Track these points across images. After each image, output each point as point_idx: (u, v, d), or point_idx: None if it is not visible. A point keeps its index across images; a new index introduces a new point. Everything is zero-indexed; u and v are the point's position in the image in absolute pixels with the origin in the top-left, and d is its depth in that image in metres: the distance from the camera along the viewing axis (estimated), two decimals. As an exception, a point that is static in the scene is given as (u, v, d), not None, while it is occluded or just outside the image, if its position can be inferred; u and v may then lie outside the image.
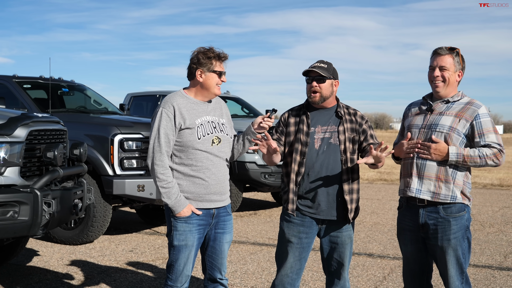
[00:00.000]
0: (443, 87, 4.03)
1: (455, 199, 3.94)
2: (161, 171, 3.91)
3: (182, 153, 3.96)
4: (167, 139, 3.92)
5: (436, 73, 4.02)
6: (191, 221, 3.96)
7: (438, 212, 3.96)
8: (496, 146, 3.90)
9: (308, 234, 4.15)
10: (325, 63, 4.13)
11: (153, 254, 7.42)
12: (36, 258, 7.16)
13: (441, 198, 3.94)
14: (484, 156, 3.88)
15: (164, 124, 3.92)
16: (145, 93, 13.72)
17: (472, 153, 3.88)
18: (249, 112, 13.00)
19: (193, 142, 3.93)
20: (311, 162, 4.06)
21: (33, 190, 5.01)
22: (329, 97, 4.13)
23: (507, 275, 6.50)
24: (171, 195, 3.90)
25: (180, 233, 3.97)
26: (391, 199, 13.59)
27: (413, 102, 4.32)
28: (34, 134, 5.40)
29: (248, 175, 10.19)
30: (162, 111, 3.94)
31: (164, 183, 3.91)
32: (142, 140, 7.87)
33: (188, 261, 4.00)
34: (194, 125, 3.95)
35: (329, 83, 4.10)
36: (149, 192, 7.70)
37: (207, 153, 3.97)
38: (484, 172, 20.61)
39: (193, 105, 4.03)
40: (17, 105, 8.44)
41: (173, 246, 3.99)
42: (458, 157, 3.89)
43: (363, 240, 8.50)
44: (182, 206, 3.92)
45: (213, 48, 4.04)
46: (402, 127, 4.33)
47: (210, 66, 4.00)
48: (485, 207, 12.22)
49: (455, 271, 3.98)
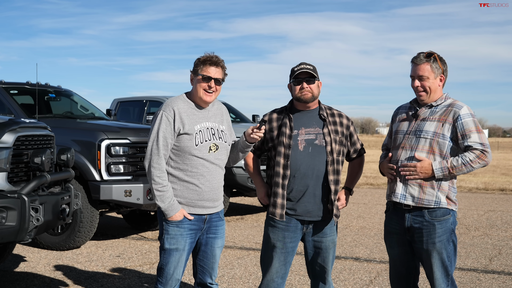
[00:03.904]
0: (426, 96, 4.06)
1: (439, 204, 3.98)
2: (157, 173, 3.92)
3: (179, 157, 3.97)
4: (166, 142, 3.93)
5: (416, 84, 4.04)
6: (182, 226, 3.97)
7: (423, 216, 4.00)
8: (478, 147, 3.89)
9: (292, 239, 4.18)
10: (310, 65, 4.17)
11: (140, 259, 7.42)
12: (23, 263, 7.13)
13: (424, 203, 3.99)
14: (468, 162, 3.89)
15: (164, 127, 3.92)
16: (131, 98, 13.71)
17: (455, 162, 3.90)
18: (235, 117, 13.01)
19: (190, 148, 3.94)
20: (296, 164, 4.08)
21: (21, 196, 5.01)
22: (317, 97, 4.19)
23: (492, 278, 6.57)
24: (165, 199, 3.91)
25: (171, 237, 3.98)
26: (377, 203, 13.66)
27: (402, 105, 4.35)
28: (22, 140, 5.40)
29: (235, 180, 10.21)
30: (163, 114, 3.94)
31: (159, 186, 3.91)
32: (129, 145, 7.86)
33: (179, 265, 4.00)
34: (192, 131, 3.95)
35: (317, 84, 4.16)
36: (136, 197, 7.70)
37: (203, 160, 3.97)
38: (470, 176, 20.75)
39: (194, 111, 4.03)
40: (3, 111, 8.42)
41: (164, 249, 4.00)
42: (443, 170, 3.92)
43: (350, 244, 8.54)
44: (175, 210, 3.93)
45: (208, 53, 4.03)
46: (390, 130, 4.38)
47: (198, 70, 4.00)
48: (471, 211, 12.31)
49: (441, 274, 4.02)
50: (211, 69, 3.98)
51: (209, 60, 3.99)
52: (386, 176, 4.22)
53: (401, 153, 4.07)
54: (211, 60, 3.99)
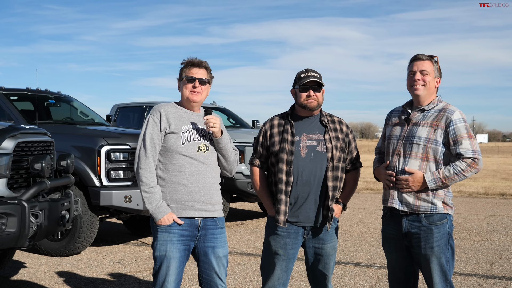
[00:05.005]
0: (423, 90, 4.06)
1: (435, 209, 3.99)
2: (145, 174, 3.89)
3: (166, 158, 3.95)
4: (153, 143, 3.92)
5: (417, 77, 4.05)
6: (172, 231, 3.89)
7: (420, 221, 4.00)
8: (469, 155, 3.90)
9: (293, 245, 4.17)
10: (316, 72, 4.17)
11: (140, 265, 7.41)
12: (23, 270, 7.12)
13: (421, 209, 4.00)
14: (460, 171, 3.90)
15: (150, 129, 3.93)
16: (131, 104, 13.72)
17: (447, 173, 3.91)
18: (235, 122, 13.02)
19: (177, 146, 3.92)
20: (298, 170, 4.07)
21: (21, 202, 5.01)
22: (321, 105, 4.19)
23: (493, 283, 6.56)
24: (153, 201, 3.87)
25: (160, 243, 3.91)
26: (378, 208, 13.64)
27: (395, 109, 4.35)
28: (22, 146, 5.40)
29: (234, 185, 10.21)
30: (149, 118, 3.97)
31: (147, 187, 3.87)
32: (129, 151, 7.87)
33: (169, 273, 3.89)
34: (179, 130, 3.94)
35: (323, 91, 4.16)
36: (136, 203, 7.69)
37: (191, 159, 3.93)
38: (470, 181, 20.75)
39: (182, 113, 4.04)
40: (3, 117, 8.42)
41: (154, 256, 3.95)
42: (436, 181, 3.93)
43: (350, 249, 8.53)
44: (163, 213, 3.87)
45: (190, 57, 4.09)
46: (384, 133, 4.38)
47: (182, 73, 4.05)
48: (471, 216, 12.30)
49: (440, 279, 4.01)
50: (194, 70, 4.03)
51: (191, 62, 4.05)
52: (382, 182, 4.22)
53: (397, 160, 4.08)
54: (193, 62, 4.05)
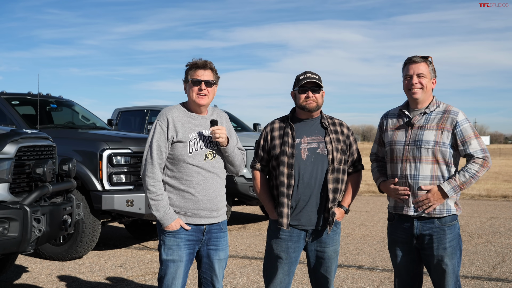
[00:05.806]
0: (421, 93, 4.05)
1: (450, 212, 4.00)
2: (151, 183, 3.90)
3: (174, 166, 3.95)
4: (160, 151, 3.92)
5: (414, 81, 4.05)
6: (179, 236, 3.94)
7: (433, 223, 4.00)
8: (479, 155, 3.94)
9: (296, 249, 4.17)
10: (315, 74, 4.17)
11: (143, 269, 7.40)
12: (25, 274, 7.12)
13: (436, 214, 3.99)
14: (474, 174, 3.93)
15: (157, 136, 3.93)
16: (133, 108, 13.73)
17: (463, 178, 3.93)
18: (237, 126, 13.03)
19: (184, 156, 3.92)
20: (300, 173, 4.07)
21: (23, 206, 5.01)
22: (321, 106, 4.19)
23: (496, 285, 6.54)
24: (160, 208, 3.89)
25: (168, 248, 3.95)
26: (380, 211, 13.63)
27: (389, 112, 4.31)
28: (24, 151, 5.40)
29: (236, 189, 10.20)
30: (157, 124, 3.96)
31: (154, 195, 3.90)
32: (130, 155, 7.86)
33: (177, 276, 3.95)
34: (186, 139, 3.94)
35: (321, 93, 4.16)
36: (138, 207, 7.68)
37: (198, 168, 3.95)
38: (472, 183, 20.69)
39: (189, 118, 4.02)
40: (5, 121, 8.43)
41: (161, 260, 3.98)
42: (455, 190, 3.95)
43: (352, 252, 8.52)
44: (171, 219, 3.90)
45: (194, 59, 4.07)
46: (379, 137, 4.35)
47: (188, 76, 4.04)
48: (473, 218, 12.29)
49: (451, 280, 4.02)
50: (199, 72, 4.01)
51: (196, 64, 4.03)
52: (392, 197, 4.15)
53: (406, 167, 4.04)
54: (197, 64, 4.03)
